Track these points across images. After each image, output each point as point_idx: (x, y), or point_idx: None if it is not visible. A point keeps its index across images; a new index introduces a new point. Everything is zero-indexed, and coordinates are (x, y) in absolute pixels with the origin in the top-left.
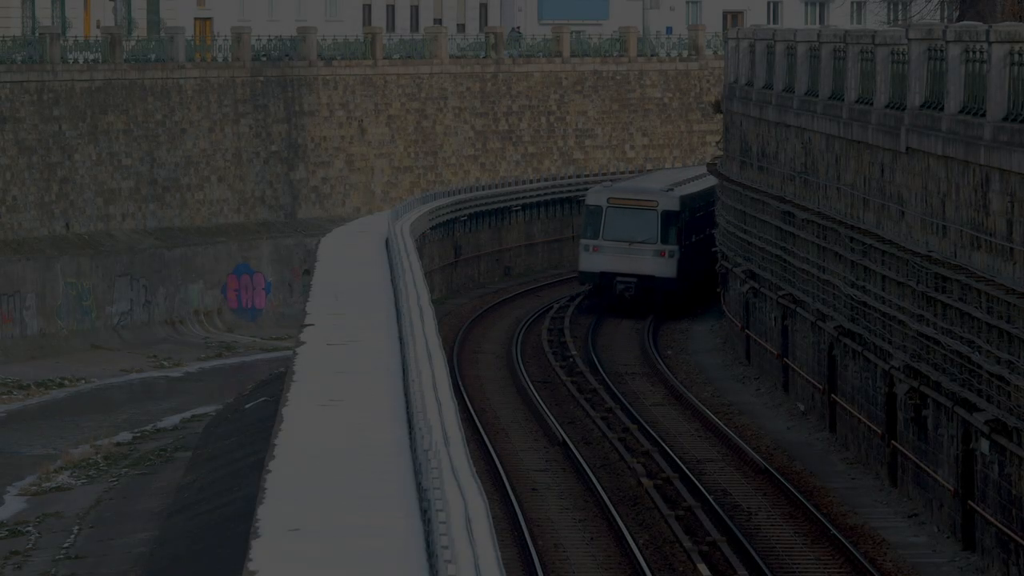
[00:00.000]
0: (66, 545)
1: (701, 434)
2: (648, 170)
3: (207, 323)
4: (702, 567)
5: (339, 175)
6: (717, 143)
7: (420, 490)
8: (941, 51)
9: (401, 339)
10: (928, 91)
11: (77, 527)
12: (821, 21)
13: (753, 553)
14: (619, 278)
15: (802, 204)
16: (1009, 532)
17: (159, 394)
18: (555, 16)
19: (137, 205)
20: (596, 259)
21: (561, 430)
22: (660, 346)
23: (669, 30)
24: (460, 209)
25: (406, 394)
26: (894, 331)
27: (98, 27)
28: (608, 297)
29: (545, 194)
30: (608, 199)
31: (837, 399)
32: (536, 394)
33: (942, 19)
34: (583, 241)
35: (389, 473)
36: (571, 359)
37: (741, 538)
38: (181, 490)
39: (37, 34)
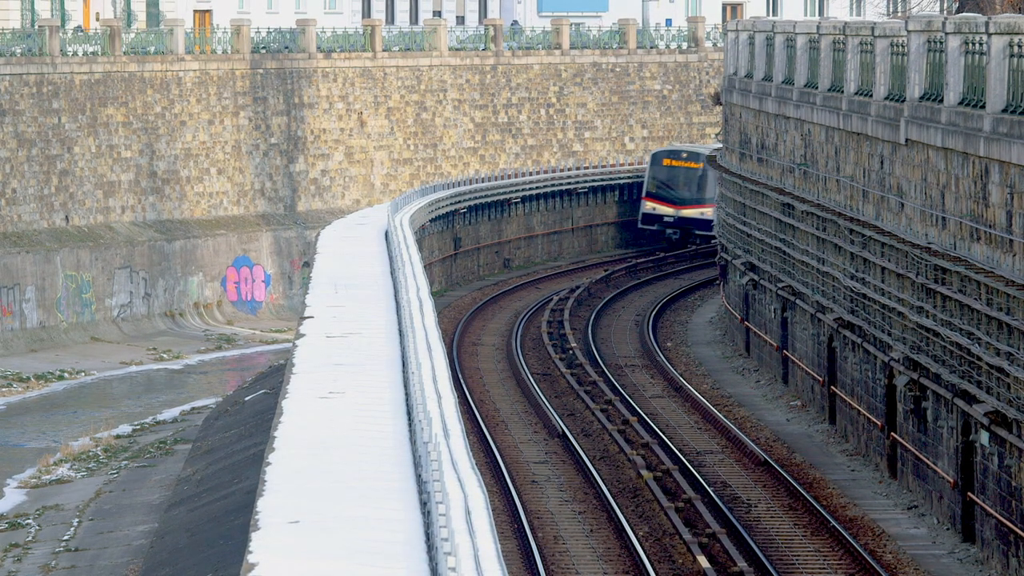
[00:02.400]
0: (66, 538)
1: (701, 426)
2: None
3: (207, 315)
4: (702, 559)
5: (338, 167)
6: (717, 135)
7: (420, 482)
8: (940, 43)
9: (401, 331)
10: (927, 83)
11: (77, 520)
12: (821, 13)
13: (753, 545)
14: None
15: (801, 196)
16: (1009, 524)
17: (159, 387)
18: (554, 8)
19: (137, 198)
20: None
21: (561, 422)
22: (660, 338)
23: (669, 22)
24: (459, 201)
25: (406, 386)
26: (894, 323)
27: (97, 19)
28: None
29: (545, 186)
30: None
31: (837, 391)
32: (536, 386)
33: (941, 11)
34: None
35: (389, 465)
36: (571, 351)
37: (741, 530)
38: (181, 483)
39: (36, 27)
